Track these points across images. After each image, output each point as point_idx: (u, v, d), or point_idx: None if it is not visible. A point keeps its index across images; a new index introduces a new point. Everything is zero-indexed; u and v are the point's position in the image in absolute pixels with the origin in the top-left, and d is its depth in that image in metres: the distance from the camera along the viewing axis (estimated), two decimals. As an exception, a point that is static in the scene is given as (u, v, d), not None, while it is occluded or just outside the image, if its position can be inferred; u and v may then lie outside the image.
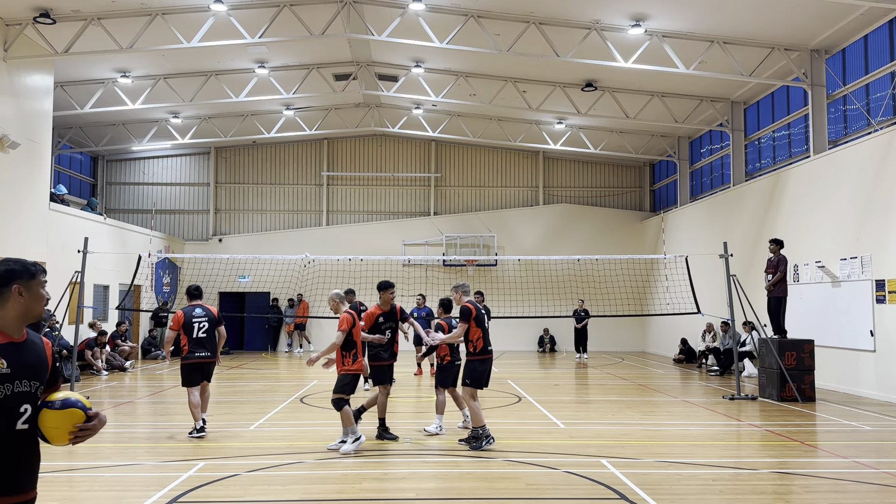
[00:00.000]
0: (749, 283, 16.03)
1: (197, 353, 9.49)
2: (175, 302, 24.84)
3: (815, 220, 15.55)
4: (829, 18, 14.60)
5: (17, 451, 2.93)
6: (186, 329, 9.51)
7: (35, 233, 16.27)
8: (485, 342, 8.76)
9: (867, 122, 14.78)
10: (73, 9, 15.09)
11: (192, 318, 9.54)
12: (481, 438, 8.53)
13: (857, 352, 13.92)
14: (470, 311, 8.73)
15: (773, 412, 11.69)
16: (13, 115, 15.52)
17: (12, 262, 3.04)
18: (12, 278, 2.98)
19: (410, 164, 28.16)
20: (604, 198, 28.41)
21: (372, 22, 16.24)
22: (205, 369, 9.62)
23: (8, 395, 2.88)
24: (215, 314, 9.74)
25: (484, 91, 20.98)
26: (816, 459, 8.31)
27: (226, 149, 27.83)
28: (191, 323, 9.51)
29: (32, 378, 2.96)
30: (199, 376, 9.56)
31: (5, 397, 2.87)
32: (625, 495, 6.54)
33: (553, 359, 23.30)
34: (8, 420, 2.88)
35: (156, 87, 20.05)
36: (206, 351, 9.54)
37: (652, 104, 20.56)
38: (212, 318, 9.65)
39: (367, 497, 6.50)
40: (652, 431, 10.05)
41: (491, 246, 26.75)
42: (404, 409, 11.94)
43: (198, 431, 9.29)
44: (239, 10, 15.51)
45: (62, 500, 6.48)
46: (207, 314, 9.64)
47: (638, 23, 15.39)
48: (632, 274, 23.40)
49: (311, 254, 19.37)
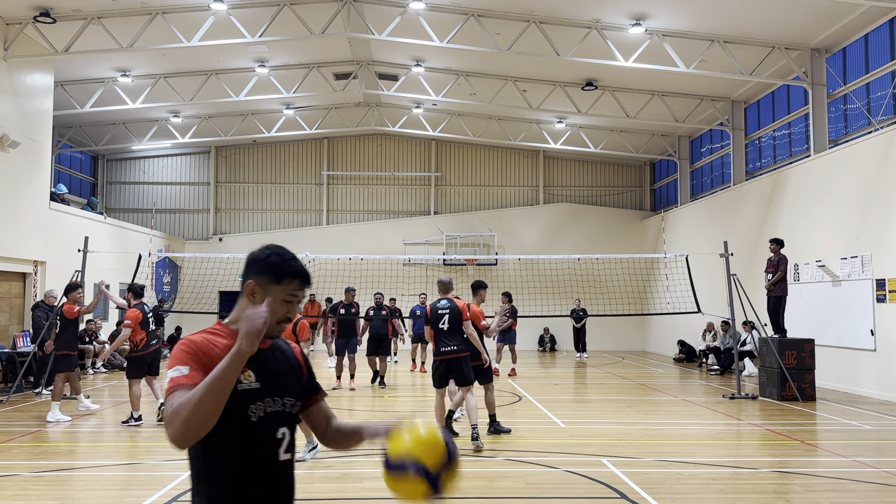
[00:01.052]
0: (749, 282, 16.03)
1: (151, 343, 10.58)
2: (175, 302, 24.85)
3: (816, 220, 15.54)
4: (829, 17, 14.59)
5: (279, 488, 2.35)
6: (144, 325, 10.47)
7: (35, 232, 16.26)
8: (436, 343, 8.90)
9: (867, 121, 14.77)
10: (73, 8, 15.08)
11: (147, 314, 10.67)
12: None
13: (857, 351, 13.91)
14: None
15: (774, 411, 11.69)
16: (13, 114, 15.51)
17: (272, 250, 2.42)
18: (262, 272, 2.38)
19: (410, 163, 28.15)
20: (604, 197, 28.41)
21: (372, 21, 16.23)
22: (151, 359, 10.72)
23: (262, 417, 2.29)
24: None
25: (484, 90, 20.98)
26: (817, 458, 8.30)
27: (226, 148, 27.82)
28: (146, 319, 10.57)
29: (285, 394, 2.38)
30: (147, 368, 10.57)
31: (259, 420, 2.29)
32: (625, 494, 6.54)
33: (553, 358, 23.29)
34: (267, 449, 2.30)
35: (156, 86, 20.04)
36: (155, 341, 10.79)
37: (652, 103, 20.55)
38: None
39: (367, 497, 6.50)
40: (652, 431, 10.05)
41: (491, 245, 26.75)
42: (403, 410, 11.93)
43: (135, 420, 10.11)
44: (239, 9, 15.50)
45: (62, 499, 6.48)
46: (152, 310, 11.02)
47: (638, 22, 15.38)
48: (632, 273, 23.39)
49: (312, 253, 19.35)
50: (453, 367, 8.80)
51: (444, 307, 8.93)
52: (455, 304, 8.94)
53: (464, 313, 8.85)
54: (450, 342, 8.78)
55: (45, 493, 6.68)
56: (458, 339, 8.81)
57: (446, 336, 8.81)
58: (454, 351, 8.77)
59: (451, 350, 8.77)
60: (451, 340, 8.78)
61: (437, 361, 8.89)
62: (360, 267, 22.48)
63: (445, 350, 8.79)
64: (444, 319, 8.84)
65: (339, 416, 2.62)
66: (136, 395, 10.13)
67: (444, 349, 8.81)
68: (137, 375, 10.30)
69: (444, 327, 8.82)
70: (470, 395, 8.86)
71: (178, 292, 25.37)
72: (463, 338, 8.84)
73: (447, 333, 8.81)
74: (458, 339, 8.80)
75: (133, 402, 10.13)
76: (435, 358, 8.94)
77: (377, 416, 11.30)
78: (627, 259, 22.98)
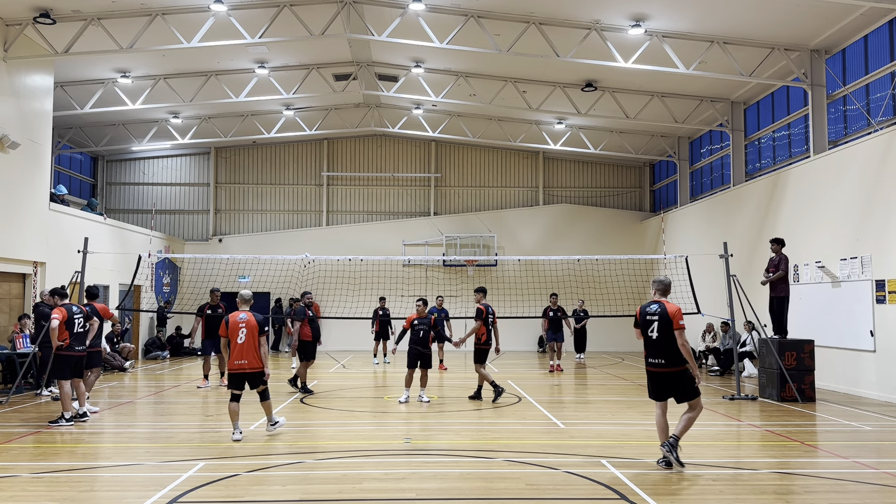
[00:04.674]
0: (749, 283, 16.03)
1: (76, 347, 10.51)
2: (175, 302, 24.85)
3: (816, 221, 15.55)
4: (829, 18, 14.60)
5: None
6: (69, 325, 10.41)
7: (35, 233, 16.26)
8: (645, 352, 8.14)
9: (867, 122, 14.78)
10: (73, 9, 15.09)
11: (73, 315, 10.50)
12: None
13: (857, 352, 13.91)
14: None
15: (773, 412, 11.69)
16: (13, 115, 15.51)
17: None
18: None
19: (410, 164, 28.16)
20: (604, 198, 28.41)
21: (372, 22, 16.24)
22: (82, 362, 10.75)
23: None
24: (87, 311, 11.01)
25: (484, 91, 20.99)
26: (816, 459, 8.31)
27: (226, 149, 27.83)
28: (72, 320, 10.44)
29: None
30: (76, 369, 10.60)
31: None
32: (625, 495, 6.54)
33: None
34: None
35: (156, 87, 20.04)
36: (83, 346, 10.71)
37: (652, 104, 20.56)
38: (87, 316, 10.86)
39: (367, 497, 6.50)
40: (652, 431, 10.02)
41: (491, 246, 26.76)
42: (400, 410, 11.94)
43: (67, 421, 10.08)
44: (239, 10, 15.51)
45: (62, 500, 6.48)
46: (80, 312, 10.74)
47: (638, 23, 15.39)
48: (632, 274, 23.38)
49: (311, 254, 19.36)
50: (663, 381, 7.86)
51: (653, 312, 7.93)
52: (666, 308, 7.87)
53: (675, 320, 7.76)
54: (657, 355, 7.83)
55: (45, 493, 6.69)
56: (667, 351, 7.75)
57: (654, 346, 7.86)
58: (661, 365, 7.82)
59: (657, 364, 7.86)
60: (658, 352, 7.81)
61: (647, 373, 8.07)
62: (360, 268, 22.49)
63: (651, 363, 7.92)
64: (653, 327, 7.88)
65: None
66: (65, 394, 10.21)
67: (650, 360, 7.94)
68: (62, 376, 10.33)
69: (652, 336, 7.88)
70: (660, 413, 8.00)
71: (177, 293, 25.36)
72: (674, 349, 7.73)
73: (655, 343, 7.85)
74: (666, 351, 7.75)
75: (63, 402, 10.20)
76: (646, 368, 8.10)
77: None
78: (627, 260, 22.98)
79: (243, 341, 9.18)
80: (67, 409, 10.18)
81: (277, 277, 23.11)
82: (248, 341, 9.19)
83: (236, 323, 9.24)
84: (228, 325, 9.28)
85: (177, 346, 23.60)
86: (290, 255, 19.68)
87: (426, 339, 12.64)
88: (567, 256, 19.06)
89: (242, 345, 9.19)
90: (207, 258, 22.88)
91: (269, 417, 9.52)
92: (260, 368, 9.27)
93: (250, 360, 9.21)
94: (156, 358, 22.06)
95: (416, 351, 12.61)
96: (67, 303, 10.77)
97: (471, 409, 11.95)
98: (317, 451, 8.54)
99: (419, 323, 12.67)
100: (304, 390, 13.74)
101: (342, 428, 10.19)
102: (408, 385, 12.63)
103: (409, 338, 12.82)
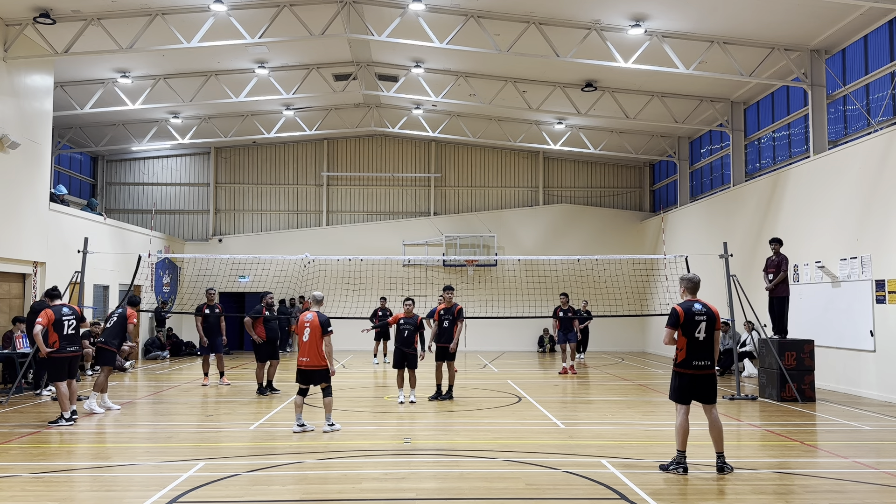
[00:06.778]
0: (749, 283, 16.04)
1: (68, 348, 10.46)
2: (174, 302, 24.85)
3: (815, 221, 15.55)
4: (828, 18, 14.60)
5: None
6: (58, 327, 10.34)
7: (35, 233, 16.26)
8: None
9: (867, 122, 14.78)
10: (73, 9, 15.08)
11: (62, 316, 10.42)
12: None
13: (857, 352, 13.92)
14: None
15: (773, 412, 11.69)
16: (13, 115, 15.51)
17: None
18: None
19: (410, 164, 28.16)
20: (604, 198, 28.42)
21: (372, 22, 16.24)
22: (76, 362, 10.73)
23: None
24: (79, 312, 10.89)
25: (484, 91, 20.99)
26: (816, 459, 8.31)
27: (226, 149, 27.83)
28: (61, 321, 10.37)
29: None
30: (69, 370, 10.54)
31: None
32: (625, 495, 6.54)
33: (553, 359, 23.27)
34: None
35: (156, 87, 20.04)
36: (76, 346, 10.63)
37: (652, 104, 20.56)
38: (78, 317, 10.70)
39: (367, 497, 6.50)
40: (652, 432, 10.05)
41: (491, 246, 26.76)
42: (397, 410, 11.94)
43: (66, 421, 10.13)
44: (239, 10, 15.51)
45: (62, 500, 6.48)
46: (73, 312, 10.59)
47: (638, 23, 15.39)
48: (632, 274, 23.39)
49: (311, 254, 19.35)
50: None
51: (700, 312, 7.53)
52: (710, 308, 7.62)
53: (718, 320, 7.59)
54: (704, 357, 7.49)
55: (45, 493, 6.68)
56: (712, 352, 7.52)
57: (701, 348, 7.49)
58: (707, 367, 7.51)
59: (704, 366, 7.50)
60: (705, 353, 7.49)
61: (687, 376, 7.61)
62: (360, 268, 22.47)
63: (698, 365, 7.51)
64: (700, 328, 7.47)
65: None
66: (62, 394, 10.26)
67: (696, 363, 7.52)
68: (57, 377, 10.36)
69: (699, 336, 7.47)
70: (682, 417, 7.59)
71: (177, 293, 25.36)
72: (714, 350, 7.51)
73: (703, 344, 7.48)
74: (712, 352, 7.52)
75: (61, 403, 10.25)
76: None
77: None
78: (627, 260, 22.98)
79: (307, 340, 9.80)
80: (66, 410, 10.23)
81: (277, 277, 23.10)
82: (312, 340, 9.78)
83: (303, 322, 9.88)
84: (299, 323, 9.99)
85: (176, 345, 23.62)
86: (290, 255, 19.68)
87: (411, 340, 12.64)
88: (567, 256, 19.04)
89: (306, 343, 9.81)
90: (207, 258, 22.87)
91: (326, 416, 9.91)
92: (321, 366, 9.81)
93: (312, 357, 9.80)
94: (156, 358, 22.06)
95: (400, 352, 12.70)
96: (58, 304, 10.74)
97: (470, 410, 11.96)
98: (316, 451, 8.54)
99: (405, 323, 12.71)
100: (270, 390, 13.91)
101: (342, 428, 10.19)
102: (399, 385, 12.80)
103: (395, 338, 12.94)
